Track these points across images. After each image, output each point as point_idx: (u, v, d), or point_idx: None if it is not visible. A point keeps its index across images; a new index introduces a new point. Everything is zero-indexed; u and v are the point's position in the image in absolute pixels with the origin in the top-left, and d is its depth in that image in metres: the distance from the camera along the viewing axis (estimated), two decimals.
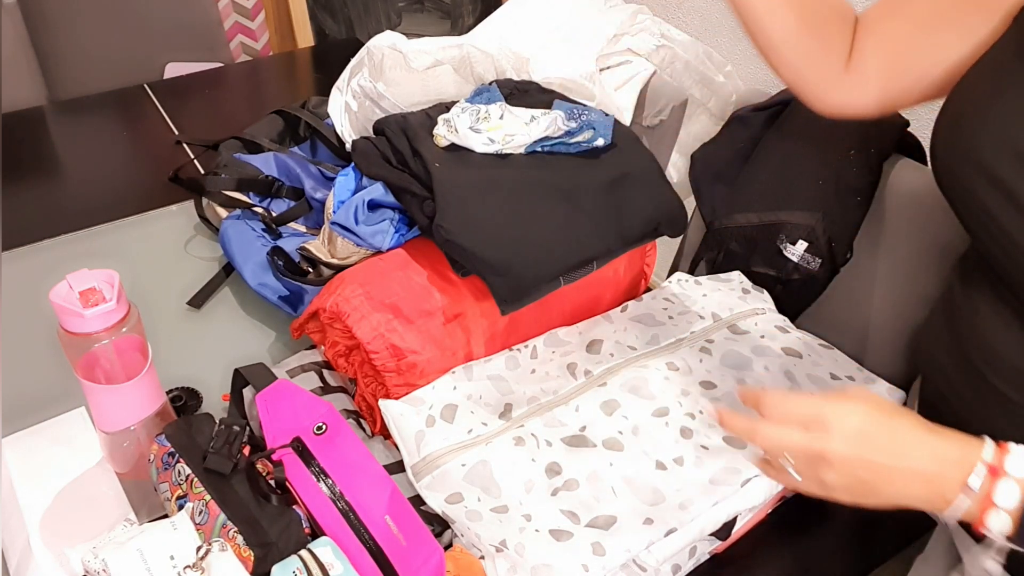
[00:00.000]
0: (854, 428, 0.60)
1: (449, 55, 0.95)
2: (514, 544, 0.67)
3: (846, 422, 0.60)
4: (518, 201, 0.81)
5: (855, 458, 0.59)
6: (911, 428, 0.60)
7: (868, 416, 0.60)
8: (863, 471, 0.60)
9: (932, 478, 0.59)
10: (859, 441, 0.59)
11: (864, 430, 0.60)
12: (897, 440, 0.60)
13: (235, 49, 2.15)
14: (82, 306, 0.69)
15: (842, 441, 0.59)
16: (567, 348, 0.86)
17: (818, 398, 0.62)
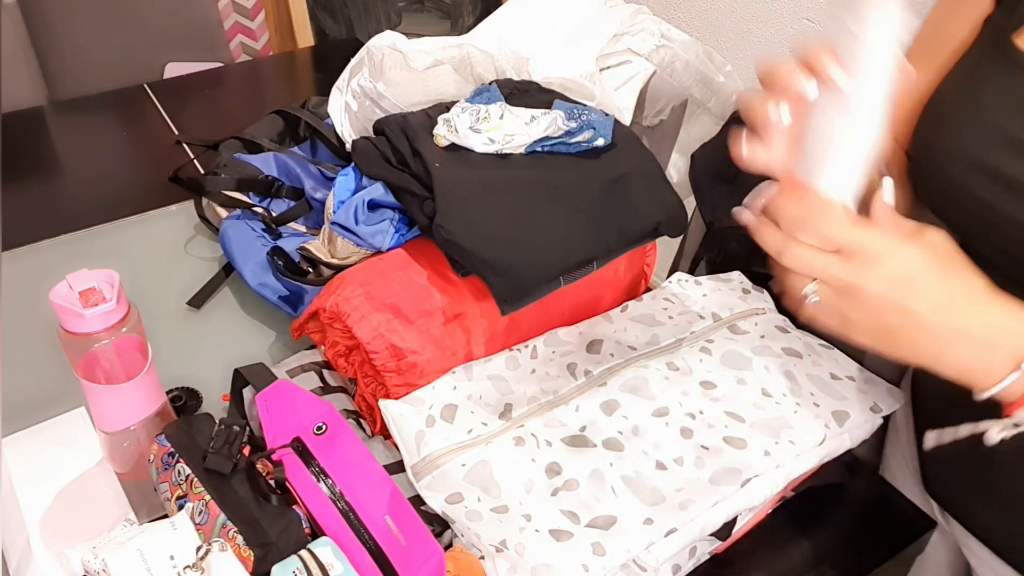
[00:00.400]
0: (900, 270, 0.54)
1: (449, 55, 0.95)
2: (514, 544, 0.67)
3: (893, 261, 0.54)
4: (518, 201, 0.81)
5: (892, 302, 0.54)
6: (967, 283, 0.54)
7: (921, 260, 0.54)
8: (895, 317, 0.54)
9: (980, 345, 0.54)
10: (902, 286, 0.54)
11: (911, 275, 0.54)
12: (947, 292, 0.54)
13: (235, 49, 2.15)
14: (82, 306, 0.69)
15: (882, 280, 0.54)
16: (567, 348, 0.86)
17: (871, 229, 0.55)
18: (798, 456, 0.76)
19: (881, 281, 0.54)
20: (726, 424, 0.78)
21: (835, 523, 0.82)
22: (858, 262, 0.54)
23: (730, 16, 1.59)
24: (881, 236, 0.55)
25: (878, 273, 0.54)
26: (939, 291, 0.54)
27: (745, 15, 1.56)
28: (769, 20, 1.51)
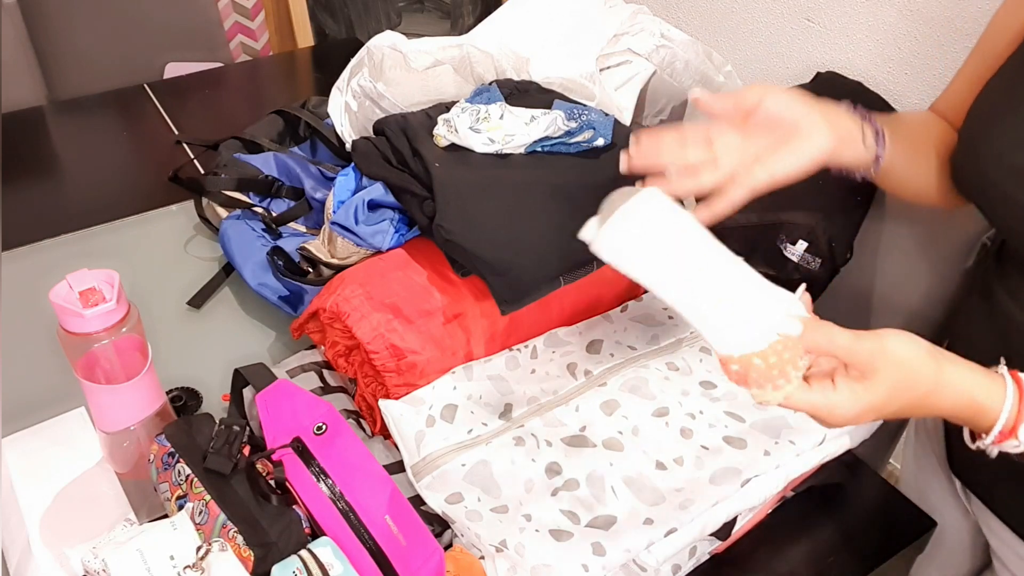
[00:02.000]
0: (855, 412, 0.60)
1: (449, 55, 0.95)
2: (514, 544, 0.67)
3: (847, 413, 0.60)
4: (518, 201, 0.81)
5: (865, 420, 0.61)
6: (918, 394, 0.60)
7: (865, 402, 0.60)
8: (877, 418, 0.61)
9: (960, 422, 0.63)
10: (864, 417, 0.60)
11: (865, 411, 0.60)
12: (903, 406, 0.61)
13: (235, 49, 2.15)
14: (82, 306, 0.69)
15: (847, 419, 0.60)
16: (567, 348, 0.86)
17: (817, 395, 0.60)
18: (798, 456, 0.76)
19: (842, 423, 0.61)
20: (726, 424, 0.78)
21: (835, 523, 0.82)
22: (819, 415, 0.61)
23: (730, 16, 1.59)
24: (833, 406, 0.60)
25: (840, 422, 0.60)
26: (897, 406, 0.61)
27: (745, 15, 1.56)
28: (769, 20, 1.51)
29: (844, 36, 1.39)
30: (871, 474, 0.87)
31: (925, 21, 1.26)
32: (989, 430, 0.61)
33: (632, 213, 0.61)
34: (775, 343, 0.58)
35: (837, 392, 0.59)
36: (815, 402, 0.59)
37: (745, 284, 0.61)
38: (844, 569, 0.79)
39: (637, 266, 0.61)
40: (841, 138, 0.72)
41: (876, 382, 0.59)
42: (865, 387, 0.59)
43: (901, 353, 0.60)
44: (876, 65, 1.34)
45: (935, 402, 0.61)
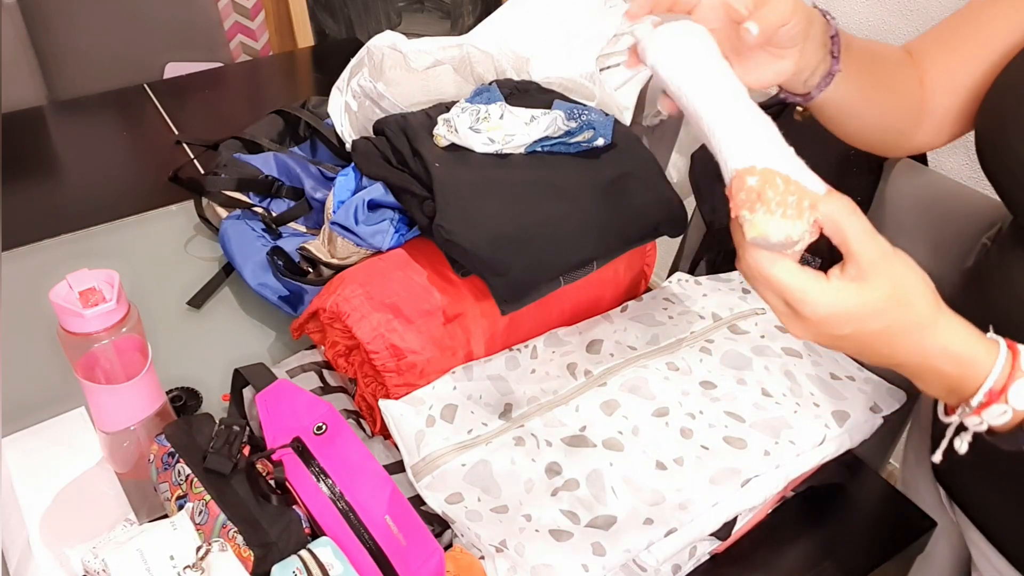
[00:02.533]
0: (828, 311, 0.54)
1: (449, 55, 0.95)
2: (514, 544, 0.67)
3: (818, 306, 0.54)
4: (518, 201, 0.81)
5: (831, 336, 0.56)
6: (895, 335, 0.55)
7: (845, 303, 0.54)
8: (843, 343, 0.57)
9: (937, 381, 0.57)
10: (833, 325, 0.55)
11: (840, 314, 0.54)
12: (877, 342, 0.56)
13: (235, 49, 2.15)
14: (82, 306, 0.69)
15: (820, 335, 0.56)
16: (567, 348, 0.86)
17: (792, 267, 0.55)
18: (798, 456, 0.76)
19: (810, 330, 0.56)
20: (726, 424, 0.78)
21: (835, 523, 0.82)
22: (784, 311, 0.56)
23: None
24: (805, 284, 0.54)
25: (803, 329, 0.56)
26: (881, 325, 0.55)
27: None
28: None
29: None
30: (871, 474, 0.87)
31: (925, 21, 1.26)
32: (974, 392, 0.56)
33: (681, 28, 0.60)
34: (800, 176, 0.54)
35: (825, 281, 0.54)
36: (798, 279, 0.53)
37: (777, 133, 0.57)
38: (844, 569, 0.79)
39: (672, 69, 0.59)
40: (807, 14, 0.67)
41: (871, 286, 0.53)
42: (858, 287, 0.53)
43: (907, 271, 0.54)
44: None
45: (925, 339, 0.55)
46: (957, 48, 0.80)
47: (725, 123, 0.57)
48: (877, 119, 0.81)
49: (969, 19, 0.80)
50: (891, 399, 0.85)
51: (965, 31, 0.80)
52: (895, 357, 0.57)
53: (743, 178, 0.54)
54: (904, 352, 0.56)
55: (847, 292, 0.54)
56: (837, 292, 0.54)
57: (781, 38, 0.65)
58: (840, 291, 0.54)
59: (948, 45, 0.81)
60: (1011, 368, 0.56)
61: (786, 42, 0.66)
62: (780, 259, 0.54)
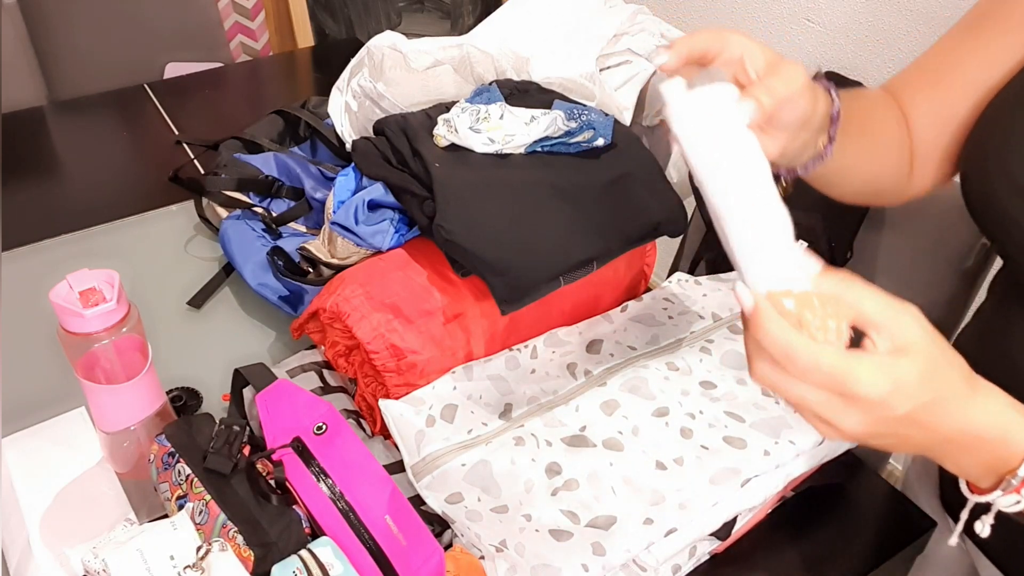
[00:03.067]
0: (887, 388, 0.49)
1: (449, 55, 0.95)
2: (514, 544, 0.67)
3: (878, 386, 0.49)
4: (518, 201, 0.81)
5: (879, 435, 0.51)
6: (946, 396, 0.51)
7: (901, 377, 0.49)
8: (882, 441, 0.52)
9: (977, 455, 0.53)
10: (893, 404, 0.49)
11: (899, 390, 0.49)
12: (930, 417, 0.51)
13: (235, 49, 2.15)
14: (82, 306, 0.69)
15: (863, 423, 0.50)
16: (567, 348, 0.86)
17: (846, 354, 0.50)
18: (798, 456, 0.76)
19: (862, 424, 0.51)
20: (726, 424, 0.78)
21: (835, 523, 0.82)
22: (837, 404, 0.50)
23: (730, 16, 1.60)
24: (847, 363, 0.49)
25: (859, 418, 0.51)
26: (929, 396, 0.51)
27: (745, 15, 1.56)
28: (769, 20, 1.51)
29: (844, 36, 1.39)
30: (871, 474, 0.87)
31: (925, 21, 1.26)
32: (1013, 468, 0.51)
33: (713, 102, 0.56)
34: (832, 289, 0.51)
35: (871, 358, 0.49)
36: (847, 362, 0.48)
37: (790, 228, 0.54)
38: (844, 569, 0.79)
39: (702, 158, 0.55)
40: (815, 99, 0.63)
41: (914, 353, 0.49)
42: (904, 359, 0.48)
43: (935, 336, 0.50)
44: (876, 65, 1.34)
45: (968, 406, 0.51)
46: (937, 84, 0.77)
47: (748, 236, 0.54)
48: (869, 180, 0.78)
49: (948, 53, 0.78)
50: None
51: (944, 66, 0.77)
52: (941, 431, 0.52)
53: (776, 301, 0.52)
54: (949, 424, 0.52)
55: (899, 367, 0.49)
56: (891, 368, 0.49)
57: (780, 118, 0.60)
58: (893, 367, 0.49)
59: (928, 81, 0.78)
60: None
61: (783, 124, 0.61)
62: (829, 348, 0.49)
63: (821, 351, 0.49)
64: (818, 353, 0.49)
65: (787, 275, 0.53)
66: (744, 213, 0.54)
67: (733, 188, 0.55)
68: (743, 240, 0.54)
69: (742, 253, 0.54)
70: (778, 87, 0.58)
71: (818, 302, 0.51)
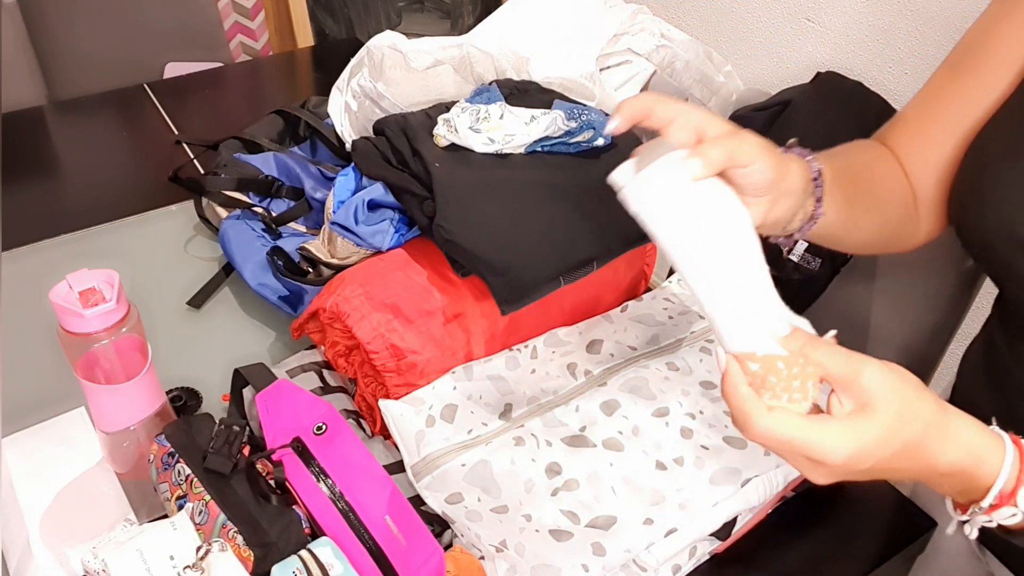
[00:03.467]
0: (848, 452, 0.52)
1: (449, 55, 0.95)
2: (514, 544, 0.67)
3: (837, 452, 0.52)
4: (518, 201, 0.81)
5: (851, 475, 0.54)
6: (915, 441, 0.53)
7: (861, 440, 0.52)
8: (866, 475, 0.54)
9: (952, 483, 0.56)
10: (856, 471, 0.53)
11: (858, 463, 0.52)
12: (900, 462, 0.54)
13: (235, 49, 2.15)
14: (82, 306, 0.69)
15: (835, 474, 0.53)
16: (567, 348, 0.86)
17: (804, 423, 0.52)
18: None
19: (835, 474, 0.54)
20: (726, 424, 0.78)
21: (835, 523, 0.82)
22: (803, 462, 0.54)
23: (730, 16, 1.60)
24: (810, 429, 0.52)
25: (825, 472, 0.54)
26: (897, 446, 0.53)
27: (745, 15, 1.56)
28: (769, 20, 1.51)
29: (844, 36, 1.39)
30: None
31: (925, 21, 1.26)
32: (984, 493, 0.54)
33: (665, 171, 0.56)
34: (798, 350, 0.52)
35: (835, 424, 0.52)
36: (811, 434, 0.51)
37: (767, 281, 0.55)
38: (844, 569, 0.79)
39: (663, 229, 0.55)
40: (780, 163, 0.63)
41: (879, 412, 0.51)
42: (868, 420, 0.51)
43: (900, 380, 0.52)
44: (876, 65, 1.35)
45: (938, 450, 0.54)
46: (924, 131, 0.77)
47: (714, 299, 0.55)
48: (876, 234, 0.78)
49: (931, 98, 0.77)
50: None
51: (929, 112, 0.77)
52: (912, 471, 0.55)
53: (744, 363, 0.53)
54: (923, 463, 0.54)
55: (860, 429, 0.51)
56: (851, 432, 0.51)
57: (746, 182, 0.60)
58: (853, 430, 0.52)
59: (916, 128, 0.77)
60: (1019, 469, 0.54)
61: (749, 189, 0.60)
62: (786, 417, 0.52)
63: (774, 421, 0.52)
64: (772, 423, 0.52)
65: (754, 337, 0.53)
66: (708, 277, 0.54)
67: (694, 254, 0.55)
68: (709, 302, 0.55)
69: (711, 315, 0.55)
70: (728, 143, 0.57)
71: (783, 364, 0.52)
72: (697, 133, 0.58)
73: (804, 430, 0.51)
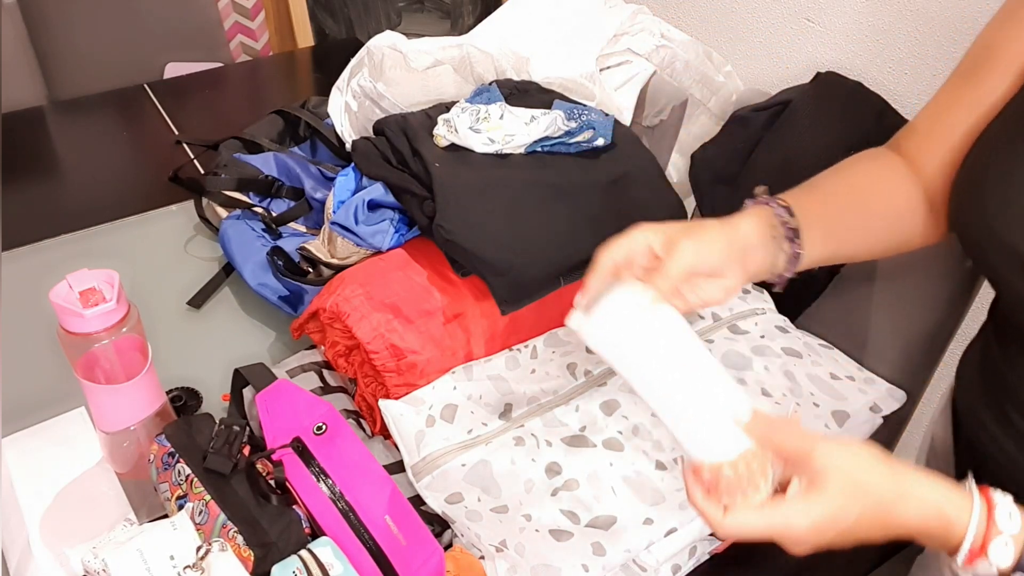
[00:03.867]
0: (805, 527, 0.56)
1: (449, 55, 0.95)
2: (514, 544, 0.67)
3: (796, 529, 0.56)
4: (518, 201, 0.81)
5: (828, 541, 0.58)
6: (877, 506, 0.57)
7: (814, 513, 0.56)
8: (840, 542, 0.59)
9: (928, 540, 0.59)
10: (820, 535, 0.57)
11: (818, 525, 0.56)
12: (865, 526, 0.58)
13: (235, 49, 2.15)
14: (82, 306, 0.69)
15: (805, 543, 0.57)
16: (567, 348, 0.86)
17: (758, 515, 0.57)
18: None
19: (804, 549, 0.58)
20: None
21: None
22: (774, 541, 0.58)
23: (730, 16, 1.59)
24: (777, 523, 0.57)
25: (797, 548, 0.58)
26: (854, 517, 0.57)
27: (745, 15, 1.56)
28: (769, 20, 1.51)
29: (844, 36, 1.39)
30: None
31: (925, 21, 1.26)
32: (957, 549, 0.56)
33: (614, 307, 0.62)
34: (745, 452, 0.57)
35: (789, 507, 0.56)
36: (768, 523, 0.56)
37: (717, 389, 0.60)
38: (844, 569, 0.79)
39: (619, 362, 0.62)
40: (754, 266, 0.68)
41: (826, 489, 0.55)
42: (816, 497, 0.56)
43: (848, 454, 0.57)
44: (876, 65, 1.34)
45: (900, 513, 0.57)
46: (936, 135, 0.77)
47: (669, 420, 0.60)
48: (888, 244, 0.79)
49: (943, 102, 0.77)
50: (891, 399, 0.85)
51: (942, 116, 0.77)
52: (886, 534, 0.58)
53: (698, 473, 0.59)
54: (892, 527, 0.58)
55: (812, 504, 0.56)
56: (804, 508, 0.56)
57: (699, 277, 0.65)
58: (805, 505, 0.56)
59: (928, 132, 0.78)
60: (987, 525, 0.56)
61: (711, 273, 0.65)
62: (742, 514, 0.57)
63: (733, 520, 0.57)
64: (731, 522, 0.57)
65: (710, 447, 0.58)
66: (665, 403, 0.60)
67: (650, 384, 0.61)
68: (670, 422, 0.60)
69: (673, 432, 0.60)
70: (670, 267, 0.63)
71: (729, 468, 0.57)
72: (627, 261, 0.64)
73: (761, 520, 0.57)
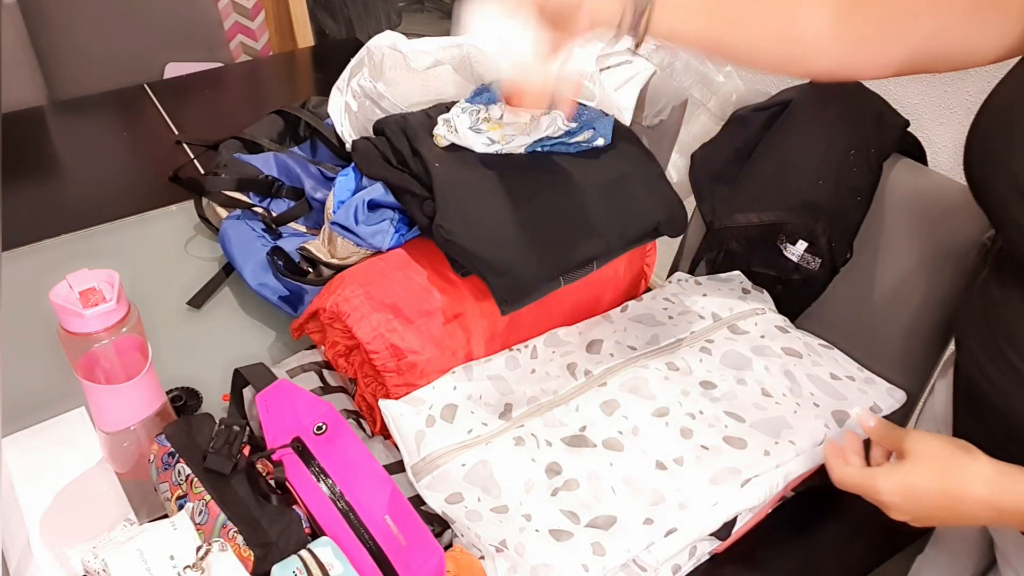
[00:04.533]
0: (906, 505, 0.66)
1: (449, 55, 0.95)
2: (514, 544, 0.67)
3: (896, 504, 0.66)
4: (518, 201, 0.81)
5: (918, 511, 0.66)
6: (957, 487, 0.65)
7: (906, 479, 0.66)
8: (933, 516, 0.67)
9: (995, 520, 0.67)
10: (915, 511, 0.66)
11: (914, 502, 0.66)
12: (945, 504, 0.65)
13: (235, 49, 2.15)
14: (82, 306, 0.69)
15: (900, 512, 0.67)
16: (567, 348, 0.86)
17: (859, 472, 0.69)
18: (798, 456, 0.76)
19: (901, 511, 0.67)
20: (726, 424, 0.78)
21: (835, 523, 0.82)
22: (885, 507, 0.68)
23: None
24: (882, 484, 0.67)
25: (903, 510, 0.67)
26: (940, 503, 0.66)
27: None
28: None
29: None
30: None
31: None
32: None
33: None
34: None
35: (879, 469, 0.67)
36: (863, 480, 0.67)
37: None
38: (844, 569, 0.79)
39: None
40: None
41: (913, 459, 0.66)
42: (907, 464, 0.66)
43: (932, 437, 0.67)
44: None
45: (1004, 484, 0.63)
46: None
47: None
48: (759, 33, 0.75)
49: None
50: (891, 399, 0.85)
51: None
52: (978, 517, 0.66)
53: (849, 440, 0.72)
54: (991, 511, 0.65)
55: (897, 468, 0.67)
56: (890, 470, 0.67)
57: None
58: (892, 469, 0.68)
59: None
60: None
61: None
62: (848, 470, 0.70)
63: (845, 471, 0.70)
64: (844, 472, 0.70)
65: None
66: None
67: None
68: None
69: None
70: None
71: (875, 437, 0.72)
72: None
73: (863, 475, 0.68)
